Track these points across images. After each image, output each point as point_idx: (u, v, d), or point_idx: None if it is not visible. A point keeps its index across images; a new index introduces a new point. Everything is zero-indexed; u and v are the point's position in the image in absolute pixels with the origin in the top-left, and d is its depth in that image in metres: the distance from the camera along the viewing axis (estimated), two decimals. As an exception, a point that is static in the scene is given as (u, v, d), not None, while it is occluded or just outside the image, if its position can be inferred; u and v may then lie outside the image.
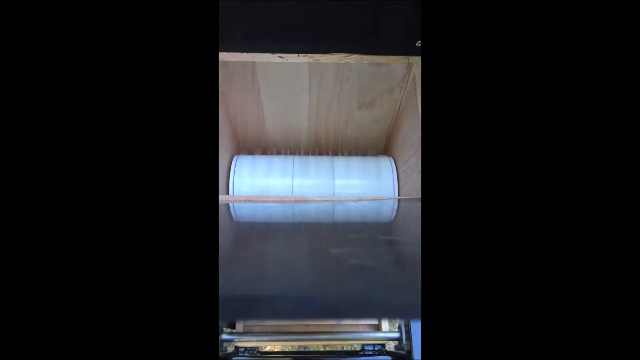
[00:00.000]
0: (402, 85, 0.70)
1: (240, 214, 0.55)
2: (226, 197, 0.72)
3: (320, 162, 0.80)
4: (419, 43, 0.62)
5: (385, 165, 0.79)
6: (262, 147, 0.89)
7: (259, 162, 0.79)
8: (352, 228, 0.47)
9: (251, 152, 0.90)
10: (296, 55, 0.64)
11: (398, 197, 0.75)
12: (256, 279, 0.22)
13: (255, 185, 0.76)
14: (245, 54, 0.64)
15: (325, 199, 0.71)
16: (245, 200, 0.66)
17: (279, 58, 0.64)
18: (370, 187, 0.77)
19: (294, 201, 0.67)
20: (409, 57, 0.65)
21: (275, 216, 0.53)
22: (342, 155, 0.88)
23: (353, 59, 0.64)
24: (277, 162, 0.79)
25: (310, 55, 0.64)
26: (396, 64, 0.65)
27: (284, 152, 0.89)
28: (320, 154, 0.87)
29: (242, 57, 0.64)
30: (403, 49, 0.64)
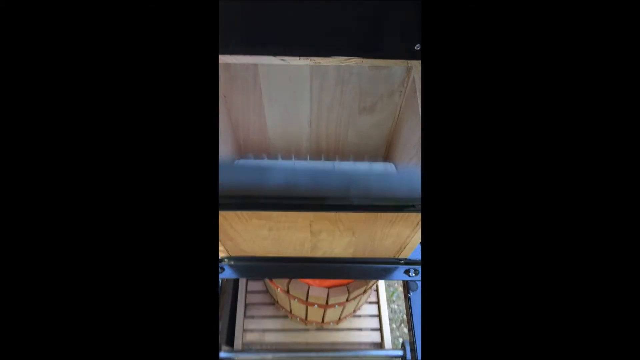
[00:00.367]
0: (402, 89, 0.70)
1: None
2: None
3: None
4: (418, 46, 0.63)
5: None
6: (263, 152, 0.89)
7: (260, 165, 0.79)
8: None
9: (253, 156, 0.90)
10: (297, 57, 0.65)
11: (398, 200, 0.75)
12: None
13: (256, 188, 0.76)
14: (247, 56, 0.66)
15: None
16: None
17: (281, 61, 0.66)
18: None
19: None
20: (408, 61, 0.66)
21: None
22: (342, 161, 0.88)
23: (354, 62, 0.66)
24: (277, 166, 0.79)
25: (311, 58, 0.65)
26: (396, 67, 0.66)
27: (285, 158, 0.89)
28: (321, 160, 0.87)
29: (244, 59, 0.66)
30: (403, 53, 0.65)
